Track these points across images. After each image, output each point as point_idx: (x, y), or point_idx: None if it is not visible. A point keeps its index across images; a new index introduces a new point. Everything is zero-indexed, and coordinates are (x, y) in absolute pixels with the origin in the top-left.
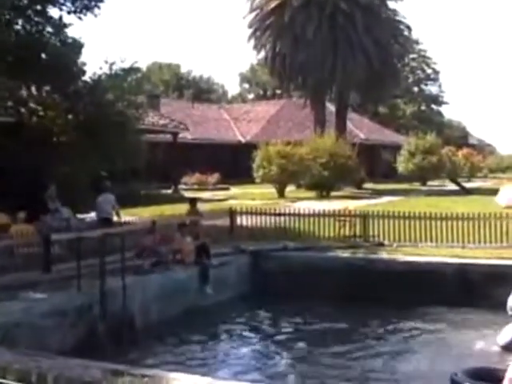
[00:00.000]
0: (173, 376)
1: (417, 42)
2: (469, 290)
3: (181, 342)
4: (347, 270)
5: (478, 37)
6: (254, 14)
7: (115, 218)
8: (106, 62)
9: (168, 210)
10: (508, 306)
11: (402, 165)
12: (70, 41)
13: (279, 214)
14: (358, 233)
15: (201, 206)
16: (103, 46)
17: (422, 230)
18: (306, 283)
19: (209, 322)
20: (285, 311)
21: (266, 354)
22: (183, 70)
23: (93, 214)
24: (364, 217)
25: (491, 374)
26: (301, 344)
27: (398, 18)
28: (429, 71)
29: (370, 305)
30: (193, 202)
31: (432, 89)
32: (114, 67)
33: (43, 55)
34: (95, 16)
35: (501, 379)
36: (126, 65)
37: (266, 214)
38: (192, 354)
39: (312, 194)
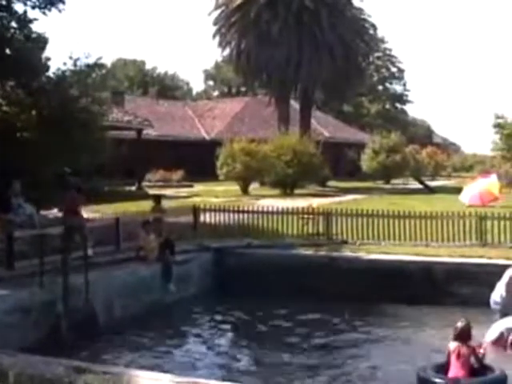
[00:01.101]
0: (134, 373)
1: (382, 41)
2: (432, 288)
3: (143, 338)
4: (310, 268)
5: (443, 36)
6: (219, 11)
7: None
8: (71, 58)
9: (132, 206)
10: (491, 300)
11: (366, 163)
12: (34, 36)
13: (243, 212)
14: (321, 231)
15: (165, 203)
16: (68, 41)
17: (385, 228)
18: (270, 280)
19: (171, 319)
20: (247, 308)
21: (228, 350)
22: (148, 66)
23: (55, 211)
24: (327, 215)
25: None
26: (263, 341)
27: (363, 16)
28: (394, 70)
29: (332, 302)
30: (157, 199)
31: (397, 87)
32: (79, 63)
33: (7, 50)
34: (59, 11)
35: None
36: (91, 61)
37: (229, 211)
38: (154, 350)
39: (276, 191)
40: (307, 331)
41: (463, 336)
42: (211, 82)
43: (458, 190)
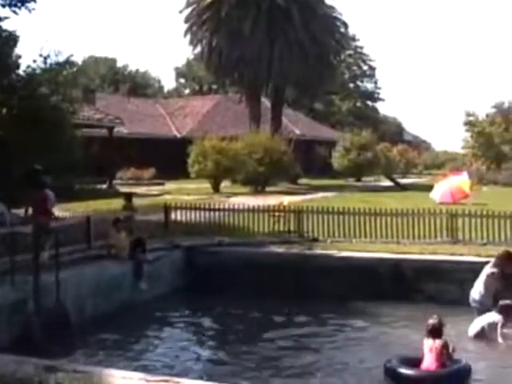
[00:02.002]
0: (106, 372)
1: (353, 39)
2: (403, 285)
3: (115, 337)
4: (282, 266)
5: (414, 34)
6: (190, 8)
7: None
8: (41, 56)
9: (103, 204)
10: (470, 298)
11: (337, 161)
12: (4, 34)
13: (214, 210)
14: (292, 228)
15: (136, 201)
16: (38, 39)
17: (356, 225)
18: (241, 278)
19: (142, 318)
20: (218, 307)
21: (199, 349)
22: (119, 64)
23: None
24: (298, 212)
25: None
26: (234, 339)
27: (334, 14)
28: (365, 68)
29: (304, 300)
30: (128, 197)
31: (368, 85)
32: (49, 61)
33: None
34: (29, 11)
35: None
36: (61, 58)
37: (200, 209)
38: (126, 349)
39: (247, 189)
40: (279, 328)
41: (435, 332)
42: (182, 80)
43: (429, 188)
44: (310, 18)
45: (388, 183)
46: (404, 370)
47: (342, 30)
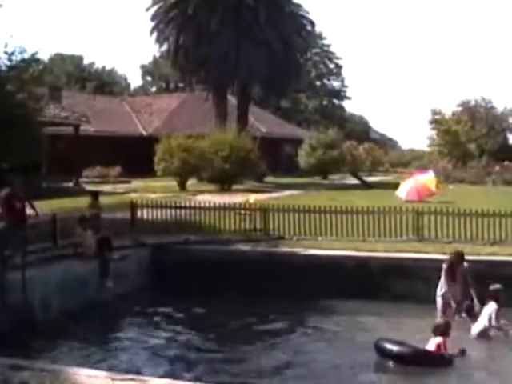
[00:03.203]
0: (71, 370)
1: (320, 37)
2: (369, 283)
3: (81, 335)
4: (248, 264)
5: (380, 32)
6: (157, 6)
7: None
8: (6, 53)
9: (69, 203)
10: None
11: (303, 159)
12: None
13: (180, 207)
14: (258, 226)
15: (102, 199)
16: (2, 35)
17: (322, 223)
18: (207, 276)
19: (109, 316)
20: (185, 304)
21: (165, 347)
22: (86, 61)
23: None
24: (264, 210)
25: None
26: (200, 337)
27: (301, 12)
28: (331, 66)
29: (270, 297)
30: (94, 195)
31: (334, 83)
32: (14, 58)
33: None
34: None
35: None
36: (27, 56)
37: (167, 207)
38: (91, 347)
39: (213, 187)
40: (245, 326)
41: (436, 331)
42: (149, 78)
43: (395, 186)
44: (276, 17)
45: (354, 181)
46: (391, 346)
47: (309, 28)
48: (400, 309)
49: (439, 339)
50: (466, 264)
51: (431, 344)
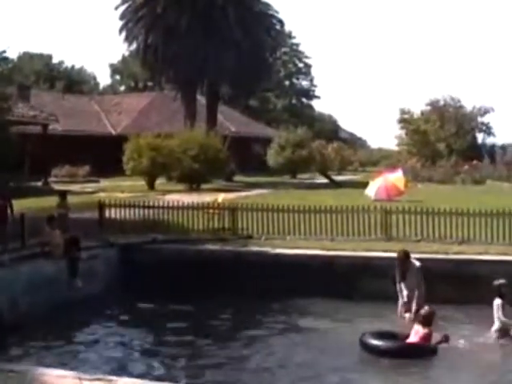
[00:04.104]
0: (39, 370)
1: (289, 36)
2: (338, 282)
3: (49, 336)
4: (216, 263)
5: (349, 31)
6: (126, 5)
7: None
8: None
9: (37, 202)
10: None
11: (272, 158)
12: None
13: (149, 207)
14: (226, 225)
15: (70, 199)
16: None
17: (290, 222)
18: (176, 276)
19: (77, 316)
20: (153, 304)
21: (133, 347)
22: (55, 60)
23: None
24: (233, 209)
25: (393, 335)
26: (169, 337)
27: (270, 11)
28: (300, 65)
29: (238, 297)
30: (62, 194)
31: (303, 83)
32: None
33: None
34: None
35: (401, 338)
36: None
37: (135, 206)
38: (59, 348)
39: (182, 186)
40: (214, 326)
41: (424, 320)
42: (118, 77)
43: (364, 185)
44: (245, 16)
45: (323, 180)
46: (377, 342)
47: (278, 27)
48: (368, 308)
49: (424, 330)
50: (417, 263)
51: (414, 333)
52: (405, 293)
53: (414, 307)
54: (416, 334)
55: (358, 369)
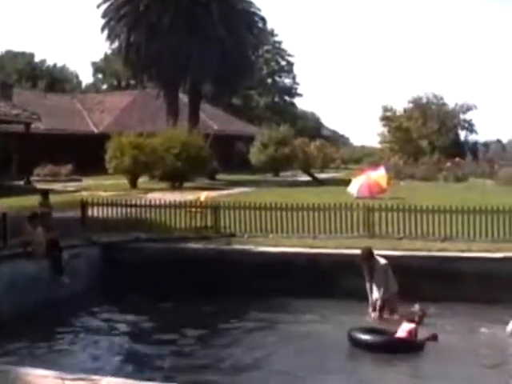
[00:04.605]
0: (22, 370)
1: (272, 34)
2: (320, 280)
3: (31, 336)
4: (199, 261)
5: (331, 29)
6: (108, 3)
7: None
8: None
9: (20, 201)
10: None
11: (255, 156)
12: None
13: (131, 205)
14: (209, 224)
15: (53, 198)
16: None
17: (273, 220)
18: (159, 274)
19: (59, 315)
20: (136, 303)
21: (116, 347)
22: (37, 59)
23: None
24: (215, 208)
25: (380, 331)
26: (152, 336)
27: (253, 9)
28: (283, 63)
29: (221, 295)
30: (44, 193)
31: (286, 80)
32: None
33: None
34: None
35: (388, 333)
36: None
37: (118, 205)
38: (42, 348)
39: (165, 185)
40: (197, 325)
41: (412, 317)
42: (100, 75)
43: (346, 182)
44: (228, 14)
45: (306, 178)
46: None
47: (261, 25)
48: (351, 305)
49: (411, 326)
50: (382, 261)
51: (402, 330)
52: (372, 291)
53: (378, 305)
54: (403, 330)
55: (345, 364)
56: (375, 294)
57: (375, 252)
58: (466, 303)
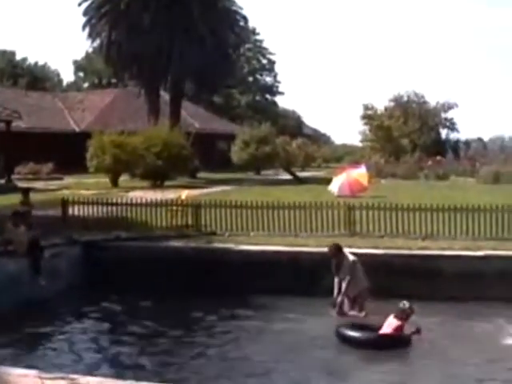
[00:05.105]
0: (2, 370)
1: (253, 32)
2: (302, 279)
3: (12, 335)
4: (180, 260)
5: (313, 28)
6: (89, 1)
7: None
8: None
9: (0, 200)
10: None
11: (236, 154)
12: None
13: (112, 204)
14: (190, 222)
15: (34, 196)
16: None
17: (254, 219)
18: (140, 273)
19: (40, 315)
20: (118, 302)
21: (97, 346)
22: (18, 57)
23: None
24: (196, 206)
25: (366, 326)
26: (134, 335)
27: (234, 8)
28: (264, 61)
29: (203, 294)
30: (25, 192)
31: (267, 79)
32: None
33: None
34: None
35: (374, 328)
36: None
37: (99, 203)
38: (22, 348)
39: (146, 183)
40: (179, 324)
41: (399, 314)
42: (81, 74)
43: (327, 181)
44: (210, 12)
45: (287, 176)
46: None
47: (242, 23)
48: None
49: (398, 322)
50: (351, 257)
51: (388, 325)
52: (336, 287)
53: (338, 300)
54: (389, 326)
55: (332, 361)
56: (338, 290)
57: (351, 250)
58: (448, 301)
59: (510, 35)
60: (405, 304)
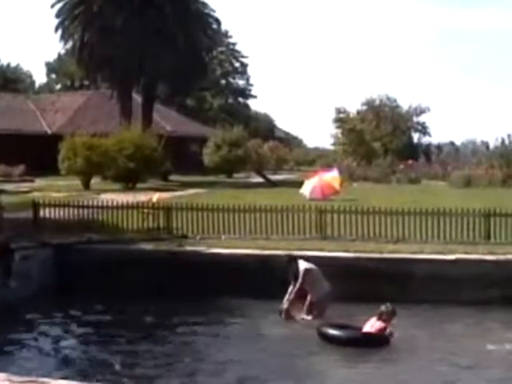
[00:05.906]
0: None
1: (226, 35)
2: (271, 281)
3: None
4: (151, 263)
5: (285, 31)
6: (62, 3)
7: None
8: None
9: None
10: None
11: (208, 157)
12: None
13: (83, 206)
14: (161, 225)
15: (5, 198)
16: None
17: (225, 222)
18: (111, 276)
19: (10, 319)
20: (88, 305)
21: (68, 349)
22: None
23: None
24: (167, 209)
25: (348, 326)
26: (103, 339)
27: (207, 11)
28: (237, 64)
29: (174, 297)
30: None
31: (239, 82)
32: None
33: None
34: None
35: (356, 328)
36: None
37: (70, 206)
38: None
39: (118, 186)
40: (148, 327)
41: (381, 316)
42: (54, 75)
43: (299, 184)
44: (182, 15)
45: (259, 180)
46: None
47: (215, 26)
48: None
49: (381, 324)
50: (302, 267)
51: (371, 326)
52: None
53: (285, 305)
54: (372, 327)
55: (316, 361)
56: (288, 296)
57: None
58: (420, 304)
59: (482, 39)
60: (388, 306)
